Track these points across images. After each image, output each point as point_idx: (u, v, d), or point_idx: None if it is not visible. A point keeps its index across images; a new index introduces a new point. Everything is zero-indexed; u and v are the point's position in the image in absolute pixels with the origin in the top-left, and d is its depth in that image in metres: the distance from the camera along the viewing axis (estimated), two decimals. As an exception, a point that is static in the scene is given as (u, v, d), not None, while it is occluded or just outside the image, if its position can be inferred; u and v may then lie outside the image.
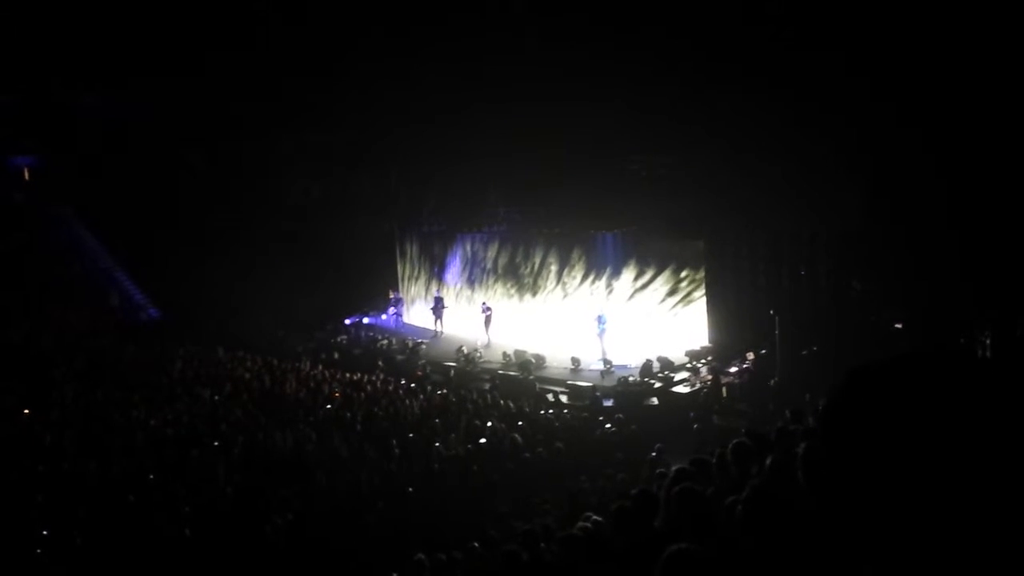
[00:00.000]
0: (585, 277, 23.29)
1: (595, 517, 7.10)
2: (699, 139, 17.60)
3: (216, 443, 13.96)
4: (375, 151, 23.28)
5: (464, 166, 21.94)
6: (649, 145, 19.22)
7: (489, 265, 25.66)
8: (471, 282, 26.21)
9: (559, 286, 23.90)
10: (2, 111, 26.09)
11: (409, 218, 27.13)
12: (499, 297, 25.01)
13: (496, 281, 25.46)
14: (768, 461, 5.25)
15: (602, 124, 18.65)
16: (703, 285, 20.51)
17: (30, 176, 29.10)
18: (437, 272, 27.28)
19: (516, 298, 24.83)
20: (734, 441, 5.92)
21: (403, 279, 28.61)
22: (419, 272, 28.11)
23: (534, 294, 24.57)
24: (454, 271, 26.68)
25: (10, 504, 11.52)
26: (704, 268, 20.47)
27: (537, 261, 24.29)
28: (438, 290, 25.92)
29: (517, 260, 24.83)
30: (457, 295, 26.30)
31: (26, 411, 16.76)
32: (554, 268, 24.01)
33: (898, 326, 15.78)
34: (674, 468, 7.90)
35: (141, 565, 9.37)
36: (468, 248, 26.26)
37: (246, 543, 9.80)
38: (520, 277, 24.94)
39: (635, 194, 19.89)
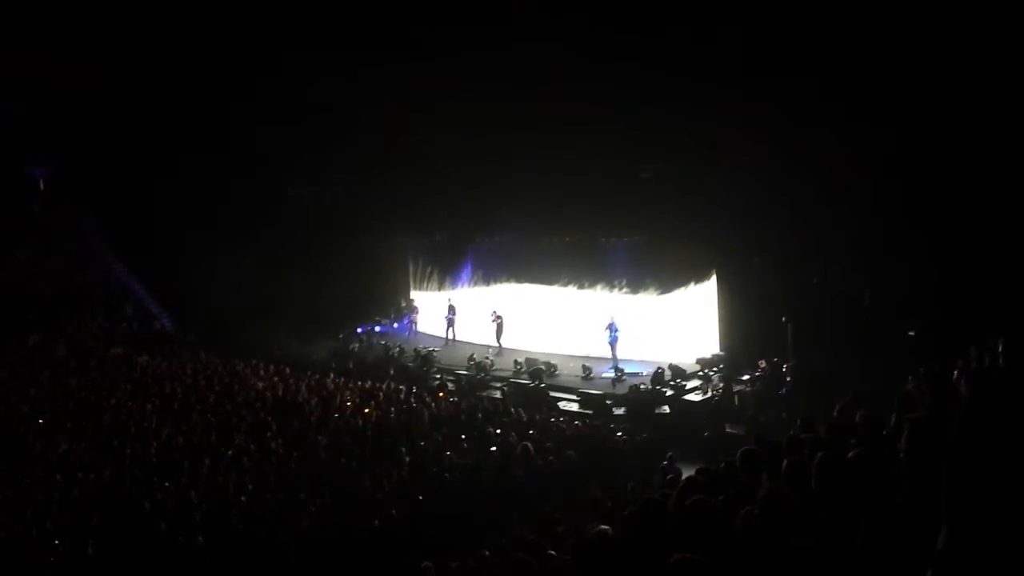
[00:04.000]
0: (596, 284, 23.24)
1: (605, 526, 7.09)
2: (711, 146, 17.56)
3: (229, 452, 14.02)
4: (386, 160, 23.33)
5: (475, 175, 21.99)
6: (660, 152, 19.17)
7: (500, 271, 25.62)
8: (484, 284, 26.10)
9: (571, 285, 23.77)
10: (18, 120, 26.28)
11: (421, 227, 27.16)
12: (512, 293, 24.86)
13: (509, 279, 25.33)
14: (784, 464, 5.25)
15: (613, 131, 18.65)
16: (715, 293, 20.47)
17: (46, 186, 29.37)
18: (449, 280, 27.29)
19: (528, 295, 24.64)
20: (743, 448, 5.92)
21: (415, 287, 28.64)
22: (431, 280, 28.14)
23: (546, 292, 24.36)
24: (465, 278, 26.69)
25: (25, 512, 11.61)
26: (716, 275, 20.44)
27: (548, 267, 24.21)
28: (450, 298, 25.94)
29: (528, 266, 24.77)
30: (469, 298, 26.15)
31: (41, 420, 16.91)
32: (565, 274, 23.93)
33: (911, 334, 15.70)
34: (684, 477, 7.88)
35: (154, 573, 9.42)
36: (479, 255, 26.25)
37: (258, 551, 9.84)
38: (532, 277, 24.77)
39: (646, 202, 19.85)
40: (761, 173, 17.08)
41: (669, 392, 18.40)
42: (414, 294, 28.39)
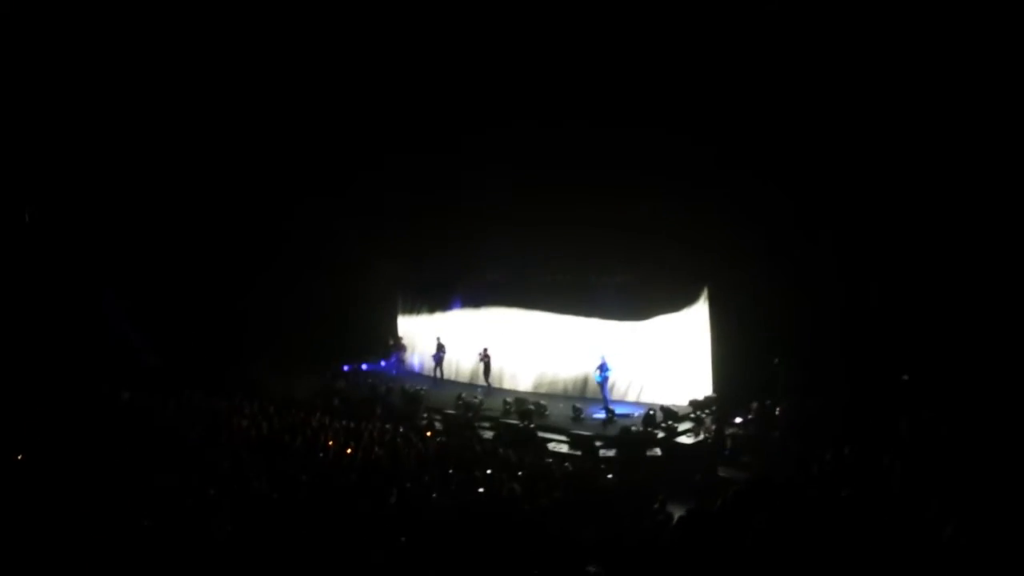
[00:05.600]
0: (586, 323, 23.08)
1: (595, 570, 6.91)
2: (701, 183, 17.56)
3: (212, 491, 13.70)
4: (374, 197, 23.31)
5: (462, 212, 22.00)
6: (651, 188, 19.11)
7: (489, 308, 25.46)
8: (473, 308, 25.89)
9: (562, 320, 23.61)
10: None
11: (409, 264, 27.05)
12: (500, 330, 24.66)
13: (498, 307, 25.15)
14: (777, 506, 5.11)
15: (602, 164, 18.72)
16: (708, 334, 20.33)
17: (31, 218, 28.96)
18: (438, 317, 27.09)
19: (518, 332, 24.44)
20: (734, 489, 5.79)
21: (402, 325, 28.42)
22: (419, 318, 27.94)
23: (536, 330, 24.15)
24: (454, 314, 26.51)
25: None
26: (708, 316, 20.32)
27: (538, 306, 24.07)
28: (439, 337, 25.74)
29: (517, 304, 24.64)
30: (457, 332, 25.89)
31: (19, 456, 16.53)
32: (555, 313, 23.76)
33: (905, 378, 15.57)
34: (676, 518, 7.69)
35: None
36: (468, 294, 26.10)
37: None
38: (521, 313, 24.60)
39: (636, 241, 19.77)
40: (752, 212, 17.08)
41: (661, 434, 18.20)
42: (402, 330, 28.15)
